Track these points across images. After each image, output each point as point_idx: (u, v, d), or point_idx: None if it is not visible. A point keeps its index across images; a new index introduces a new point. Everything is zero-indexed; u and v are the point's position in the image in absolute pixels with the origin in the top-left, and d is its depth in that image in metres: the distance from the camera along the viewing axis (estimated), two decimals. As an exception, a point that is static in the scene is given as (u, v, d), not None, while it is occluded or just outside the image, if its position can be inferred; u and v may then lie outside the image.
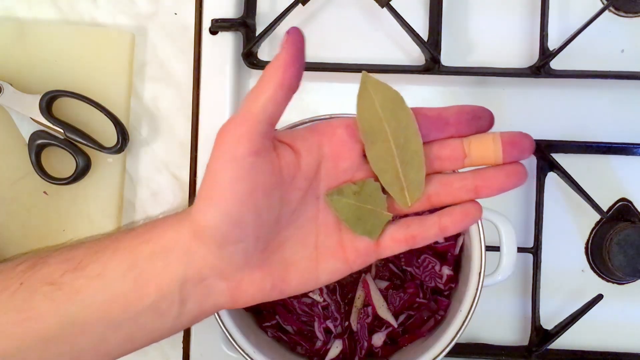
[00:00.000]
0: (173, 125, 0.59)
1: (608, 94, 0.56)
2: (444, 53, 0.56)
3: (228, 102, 0.57)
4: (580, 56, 0.56)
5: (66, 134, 0.55)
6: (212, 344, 0.56)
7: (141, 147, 0.59)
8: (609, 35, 0.56)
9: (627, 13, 0.56)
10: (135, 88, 0.59)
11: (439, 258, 0.49)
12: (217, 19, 0.57)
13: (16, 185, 0.57)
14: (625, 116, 0.56)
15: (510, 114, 0.56)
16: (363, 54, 0.57)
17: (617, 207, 0.56)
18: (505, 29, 0.57)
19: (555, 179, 0.55)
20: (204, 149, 0.57)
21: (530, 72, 0.55)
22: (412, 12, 0.56)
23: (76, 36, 0.58)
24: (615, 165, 0.56)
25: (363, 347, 0.49)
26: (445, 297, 0.50)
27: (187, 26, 0.59)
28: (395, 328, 0.50)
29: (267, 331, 0.51)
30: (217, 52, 0.57)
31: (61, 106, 0.56)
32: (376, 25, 0.57)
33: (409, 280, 0.50)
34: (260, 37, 0.55)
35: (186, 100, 0.58)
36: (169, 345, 0.58)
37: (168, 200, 0.58)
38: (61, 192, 0.57)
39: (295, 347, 0.51)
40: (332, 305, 0.50)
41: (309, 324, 0.51)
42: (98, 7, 0.59)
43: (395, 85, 0.57)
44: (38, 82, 0.57)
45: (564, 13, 0.57)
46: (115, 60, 0.58)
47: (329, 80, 0.58)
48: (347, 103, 0.58)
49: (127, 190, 0.59)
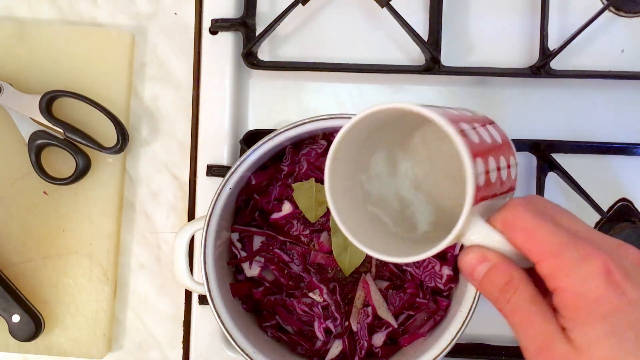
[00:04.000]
0: (173, 125, 0.59)
1: (608, 94, 0.56)
2: (444, 53, 0.56)
3: (228, 102, 0.57)
4: (580, 56, 0.56)
5: (66, 134, 0.55)
6: (212, 344, 0.56)
7: (141, 147, 0.59)
8: (609, 35, 0.56)
9: (627, 13, 0.56)
10: (135, 88, 0.59)
11: (439, 258, 0.49)
12: (217, 19, 0.57)
13: (16, 185, 0.57)
14: (625, 116, 0.56)
15: (510, 114, 0.56)
16: (363, 54, 0.57)
17: (617, 207, 0.56)
18: (505, 29, 0.57)
19: (555, 179, 0.55)
20: (204, 149, 0.57)
21: (530, 72, 0.55)
22: (412, 12, 0.56)
23: (76, 36, 0.58)
24: (615, 165, 0.56)
25: (363, 347, 0.49)
26: (445, 298, 0.50)
27: (187, 26, 0.59)
28: (395, 328, 0.50)
29: (267, 331, 0.51)
30: (217, 52, 0.57)
31: (61, 106, 0.56)
32: (376, 25, 0.57)
33: (408, 280, 0.50)
34: (260, 37, 0.55)
35: (186, 100, 0.58)
36: (168, 345, 0.58)
37: (168, 200, 0.58)
38: (61, 192, 0.57)
39: (295, 347, 0.51)
40: (332, 305, 0.50)
41: (309, 324, 0.51)
42: (98, 7, 0.59)
43: (395, 85, 0.58)
44: (38, 82, 0.57)
45: (564, 13, 0.57)
46: (115, 60, 0.58)
47: (329, 80, 0.58)
48: (347, 103, 0.58)
49: (127, 190, 0.59)
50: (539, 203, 0.35)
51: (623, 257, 0.32)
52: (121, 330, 0.58)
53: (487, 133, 0.38)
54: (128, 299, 0.58)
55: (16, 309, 0.54)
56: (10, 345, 0.56)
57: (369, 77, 0.57)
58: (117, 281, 0.58)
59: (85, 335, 0.56)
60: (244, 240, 0.52)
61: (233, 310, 0.48)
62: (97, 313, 0.56)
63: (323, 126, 0.47)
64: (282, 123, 0.52)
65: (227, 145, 0.56)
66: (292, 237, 0.51)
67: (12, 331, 0.54)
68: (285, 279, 0.51)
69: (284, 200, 0.51)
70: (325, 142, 0.51)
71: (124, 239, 0.58)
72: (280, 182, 0.51)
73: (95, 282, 0.57)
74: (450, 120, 0.34)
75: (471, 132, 0.36)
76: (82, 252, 0.57)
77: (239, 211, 0.52)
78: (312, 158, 0.50)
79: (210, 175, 0.56)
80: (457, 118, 0.36)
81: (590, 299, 0.31)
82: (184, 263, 0.48)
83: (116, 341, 0.58)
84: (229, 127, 0.56)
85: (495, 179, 0.36)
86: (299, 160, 0.51)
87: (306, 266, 0.51)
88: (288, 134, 0.47)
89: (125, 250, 0.58)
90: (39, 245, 0.57)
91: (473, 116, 0.39)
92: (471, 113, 0.40)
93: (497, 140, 0.38)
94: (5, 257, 0.57)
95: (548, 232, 0.32)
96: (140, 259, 0.58)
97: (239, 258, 0.51)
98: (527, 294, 0.33)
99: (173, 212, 0.58)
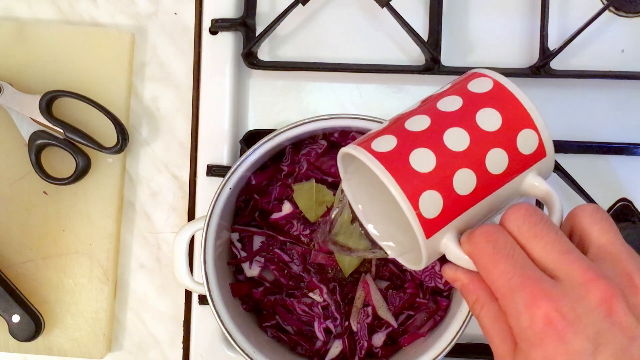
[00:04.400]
0: (173, 125, 0.59)
1: (608, 94, 0.56)
2: (444, 53, 0.56)
3: (228, 102, 0.57)
4: (581, 56, 0.56)
5: (66, 134, 0.55)
6: (212, 344, 0.56)
7: (141, 147, 0.59)
8: (609, 35, 0.56)
9: (627, 13, 0.56)
10: (135, 88, 0.59)
11: (439, 259, 0.49)
12: (217, 19, 0.57)
13: (16, 185, 0.57)
14: (625, 116, 0.56)
15: (510, 114, 0.56)
16: (363, 54, 0.57)
17: (617, 207, 0.56)
18: (505, 29, 0.57)
19: (555, 179, 0.55)
20: (204, 149, 0.57)
21: (530, 72, 0.55)
22: (412, 12, 0.56)
23: (76, 36, 0.58)
24: (615, 165, 0.56)
25: (363, 347, 0.49)
26: (445, 298, 0.50)
27: (187, 26, 0.59)
28: (395, 328, 0.50)
29: (267, 331, 0.51)
30: (217, 52, 0.57)
31: (61, 106, 0.56)
32: (376, 25, 0.57)
33: (408, 280, 0.50)
34: (260, 37, 0.55)
35: (186, 100, 0.58)
36: (168, 345, 0.58)
37: (168, 200, 0.58)
38: (61, 192, 0.57)
39: (295, 347, 0.51)
40: (332, 305, 0.50)
41: (309, 324, 0.51)
42: (98, 7, 0.59)
43: (395, 85, 0.58)
44: (38, 82, 0.57)
45: (564, 13, 0.57)
46: (115, 60, 0.58)
47: (329, 80, 0.58)
48: (347, 103, 0.58)
49: (127, 190, 0.59)
50: (513, 225, 0.33)
51: (580, 298, 0.31)
52: (121, 330, 0.58)
53: (464, 132, 0.35)
54: (128, 299, 0.58)
55: (16, 309, 0.54)
56: (10, 345, 0.56)
57: (369, 77, 0.57)
58: (117, 281, 0.58)
59: (85, 335, 0.56)
60: (244, 240, 0.52)
61: (233, 310, 0.48)
62: (97, 313, 0.56)
63: (323, 126, 0.47)
64: (282, 123, 0.52)
65: (227, 145, 0.56)
66: (292, 237, 0.51)
67: (12, 331, 0.54)
68: (285, 279, 0.51)
69: (284, 200, 0.51)
70: (325, 142, 0.51)
71: (124, 239, 0.58)
72: (280, 182, 0.51)
73: (95, 282, 0.57)
74: (385, 156, 0.34)
75: (431, 142, 0.34)
76: (82, 252, 0.57)
77: (239, 211, 0.52)
78: (312, 158, 0.50)
79: (210, 175, 0.56)
80: (414, 131, 0.35)
81: (531, 344, 0.31)
82: (184, 263, 0.48)
83: (116, 341, 0.58)
84: (229, 127, 0.56)
85: (470, 188, 0.34)
86: (299, 160, 0.51)
87: (306, 266, 0.51)
88: (288, 134, 0.47)
89: (125, 250, 0.58)
90: (39, 245, 0.57)
91: (457, 104, 0.36)
92: (460, 95, 0.36)
93: (486, 131, 0.35)
94: (5, 257, 0.57)
95: (500, 274, 0.32)
96: (140, 259, 0.58)
97: (239, 258, 0.51)
98: (491, 313, 0.35)
99: (173, 212, 0.58)
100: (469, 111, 0.35)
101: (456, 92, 0.37)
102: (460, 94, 0.36)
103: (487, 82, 0.36)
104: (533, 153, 0.36)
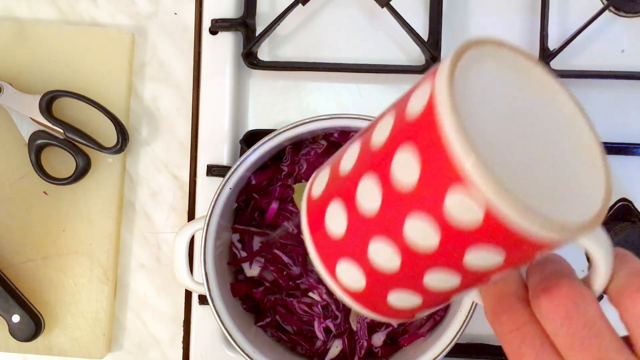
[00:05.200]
0: (173, 125, 0.59)
1: (608, 94, 0.56)
2: (444, 53, 0.56)
3: (228, 102, 0.57)
4: (581, 56, 0.56)
5: (66, 134, 0.55)
6: (212, 344, 0.56)
7: (141, 147, 0.59)
8: (609, 35, 0.56)
9: (627, 13, 0.56)
10: (135, 88, 0.59)
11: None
12: (217, 19, 0.57)
13: (16, 185, 0.57)
14: (625, 116, 0.56)
15: (510, 114, 0.56)
16: (363, 54, 0.57)
17: (617, 207, 0.56)
18: (505, 29, 0.57)
19: (555, 179, 0.55)
20: (204, 149, 0.57)
21: (530, 72, 0.55)
22: (412, 12, 0.56)
23: (76, 36, 0.58)
24: (615, 165, 0.56)
25: (363, 347, 0.49)
26: (445, 297, 0.50)
27: (187, 26, 0.59)
28: (395, 328, 0.50)
29: (267, 331, 0.51)
30: (217, 52, 0.57)
31: (61, 106, 0.56)
32: (376, 25, 0.57)
33: (409, 280, 0.50)
34: (260, 37, 0.55)
35: (186, 100, 0.58)
36: (169, 345, 0.58)
37: (168, 200, 0.58)
38: (61, 192, 0.57)
39: (295, 346, 0.51)
40: (332, 304, 0.50)
41: (309, 323, 0.51)
42: (98, 7, 0.59)
43: (395, 85, 0.58)
44: (38, 82, 0.57)
45: (564, 13, 0.57)
46: (115, 60, 0.58)
47: (329, 80, 0.58)
48: (347, 103, 0.58)
49: (127, 190, 0.59)
50: (548, 322, 0.26)
51: None
52: (121, 330, 0.58)
53: (376, 187, 0.23)
54: (128, 299, 0.58)
55: (16, 309, 0.54)
56: (10, 345, 0.56)
57: (369, 77, 0.57)
58: (117, 281, 0.58)
59: (85, 335, 0.56)
60: (244, 240, 0.52)
61: (233, 310, 0.48)
62: (97, 313, 0.56)
63: (323, 126, 0.47)
64: (282, 123, 0.52)
65: (227, 145, 0.56)
66: (290, 238, 0.51)
67: (12, 331, 0.54)
68: (285, 280, 0.51)
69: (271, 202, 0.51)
70: (325, 142, 0.51)
71: (124, 239, 0.58)
72: (280, 182, 0.51)
73: (95, 282, 0.57)
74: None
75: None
76: (82, 252, 0.57)
77: (239, 211, 0.52)
78: (312, 158, 0.50)
79: (210, 175, 0.56)
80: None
81: None
82: (184, 263, 0.48)
83: (116, 341, 0.58)
84: (229, 127, 0.56)
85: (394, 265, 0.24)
86: (299, 161, 0.51)
87: (306, 266, 0.51)
88: (288, 134, 0.47)
89: (125, 250, 0.58)
90: (39, 245, 0.57)
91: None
92: (395, 115, 0.24)
93: (399, 188, 0.23)
94: (5, 257, 0.57)
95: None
96: (140, 259, 0.58)
97: (239, 258, 0.51)
98: None
99: (173, 212, 0.58)
100: (389, 149, 0.23)
101: (397, 106, 0.25)
102: (396, 113, 0.24)
103: (425, 92, 0.23)
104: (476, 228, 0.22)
